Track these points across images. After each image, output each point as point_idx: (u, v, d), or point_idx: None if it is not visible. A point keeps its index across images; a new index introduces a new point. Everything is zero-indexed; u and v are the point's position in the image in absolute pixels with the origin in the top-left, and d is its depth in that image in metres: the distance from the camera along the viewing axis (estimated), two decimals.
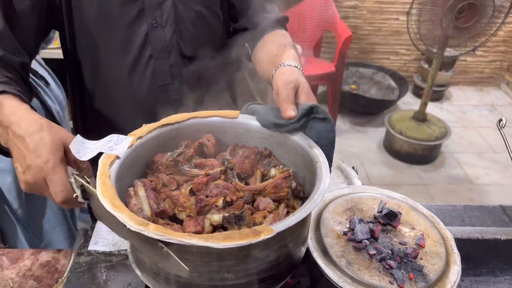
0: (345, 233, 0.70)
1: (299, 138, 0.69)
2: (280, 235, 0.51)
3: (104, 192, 0.52)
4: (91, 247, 0.68)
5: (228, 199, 0.61)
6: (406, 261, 0.66)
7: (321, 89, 3.32)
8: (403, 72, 3.35)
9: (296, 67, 0.75)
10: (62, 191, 0.56)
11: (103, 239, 0.68)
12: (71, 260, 0.77)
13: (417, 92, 3.37)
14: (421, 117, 2.68)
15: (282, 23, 0.98)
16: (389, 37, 3.32)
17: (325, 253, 0.67)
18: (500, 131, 1.06)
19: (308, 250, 0.67)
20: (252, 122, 0.73)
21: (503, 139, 1.03)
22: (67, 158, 0.59)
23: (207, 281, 0.54)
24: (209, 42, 0.92)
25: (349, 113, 3.17)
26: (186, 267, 0.47)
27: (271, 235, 0.50)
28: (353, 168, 1.01)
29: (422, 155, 2.67)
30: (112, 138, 0.60)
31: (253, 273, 0.55)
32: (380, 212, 0.73)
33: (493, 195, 2.44)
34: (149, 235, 0.46)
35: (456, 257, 0.68)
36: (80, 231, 0.98)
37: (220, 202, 0.60)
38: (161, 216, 0.59)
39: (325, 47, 3.30)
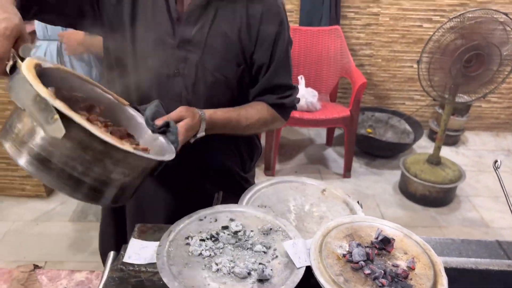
0: (344, 255, 0.79)
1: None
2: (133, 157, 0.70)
3: (28, 67, 0.67)
4: (125, 259, 0.80)
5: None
6: (397, 280, 0.75)
7: (337, 132, 3.44)
8: (418, 117, 3.45)
9: (198, 113, 0.95)
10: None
11: (136, 254, 0.80)
12: (103, 280, 0.88)
13: (432, 136, 3.46)
14: (435, 160, 2.75)
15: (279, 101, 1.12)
16: (403, 83, 3.45)
17: (326, 272, 0.76)
18: (495, 172, 1.15)
19: (311, 269, 0.77)
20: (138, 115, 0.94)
21: (499, 180, 1.12)
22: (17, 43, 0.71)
23: (62, 165, 0.67)
24: (218, 104, 1.05)
25: (365, 155, 3.27)
26: (63, 129, 0.62)
27: (130, 150, 0.68)
28: (358, 202, 1.11)
29: (437, 197, 2.71)
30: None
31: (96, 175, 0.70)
32: (377, 238, 0.83)
33: (509, 238, 2.45)
34: (54, 104, 0.62)
35: (443, 280, 0.77)
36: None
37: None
38: None
39: (341, 92, 3.45)
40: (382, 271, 0.75)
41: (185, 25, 0.99)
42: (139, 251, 0.80)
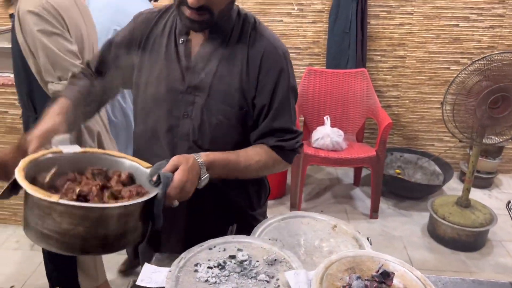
0: (343, 287, 0.82)
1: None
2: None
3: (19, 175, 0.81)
4: (137, 282, 0.86)
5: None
6: None
7: (365, 172, 3.44)
8: (449, 158, 3.41)
9: (193, 156, 0.99)
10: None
11: (148, 278, 0.86)
12: None
13: (463, 178, 3.38)
14: (464, 202, 2.69)
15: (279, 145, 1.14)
16: (432, 124, 3.44)
17: None
18: (508, 213, 1.16)
19: None
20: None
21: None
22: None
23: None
24: (223, 145, 1.11)
25: (393, 196, 3.23)
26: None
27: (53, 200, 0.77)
28: (367, 239, 1.14)
29: (467, 241, 2.63)
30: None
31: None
32: (377, 271, 0.86)
33: None
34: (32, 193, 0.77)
35: None
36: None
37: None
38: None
39: (369, 133, 3.48)
40: None
41: (192, 73, 1.09)
42: (151, 275, 0.87)
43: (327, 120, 2.99)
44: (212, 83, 1.08)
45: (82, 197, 0.84)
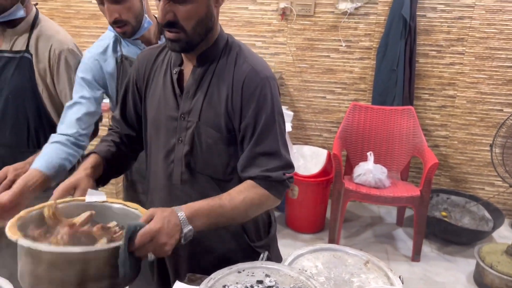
0: None
1: None
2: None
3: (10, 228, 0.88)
4: None
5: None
6: None
7: (409, 212, 3.33)
8: (500, 204, 3.24)
9: (170, 208, 0.99)
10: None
11: None
12: None
13: None
14: None
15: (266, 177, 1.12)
16: (482, 167, 3.31)
17: None
18: None
19: None
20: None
21: None
22: None
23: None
24: (214, 167, 1.16)
25: (437, 239, 3.10)
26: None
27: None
28: (399, 277, 1.11)
29: None
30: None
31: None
32: None
33: None
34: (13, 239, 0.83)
35: None
36: None
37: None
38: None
39: (414, 172, 3.39)
40: None
41: (185, 100, 1.16)
42: None
43: (371, 156, 2.96)
44: (202, 109, 1.14)
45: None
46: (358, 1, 3.08)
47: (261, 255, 1.18)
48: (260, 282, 0.93)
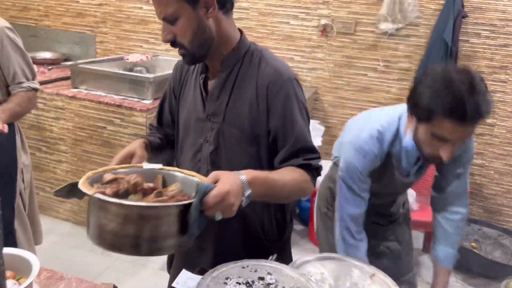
0: None
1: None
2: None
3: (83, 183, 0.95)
4: (173, 284, 0.96)
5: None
6: None
7: None
8: None
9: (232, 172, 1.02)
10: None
11: (183, 282, 0.95)
12: None
13: None
14: None
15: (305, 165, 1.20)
16: None
17: None
18: None
19: None
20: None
21: None
22: None
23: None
24: (237, 167, 1.15)
25: (464, 271, 3.00)
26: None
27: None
28: None
29: None
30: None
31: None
32: None
33: None
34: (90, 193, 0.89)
35: None
36: None
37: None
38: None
39: None
40: None
41: (210, 102, 1.24)
42: (186, 280, 0.96)
43: None
44: (226, 110, 1.22)
45: (121, 195, 0.95)
46: (400, 22, 3.08)
47: (270, 257, 1.22)
48: (261, 278, 0.97)
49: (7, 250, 1.29)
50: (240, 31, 1.26)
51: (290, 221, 1.40)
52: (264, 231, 1.30)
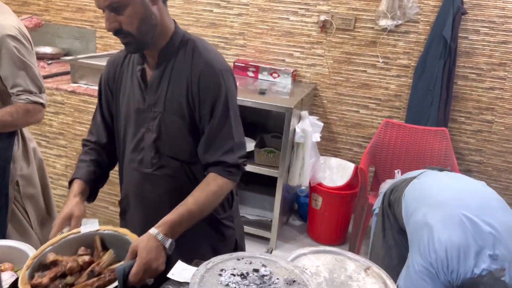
0: None
1: None
2: None
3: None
4: (168, 275, 0.97)
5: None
6: None
7: None
8: None
9: (146, 234, 1.11)
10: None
11: (178, 273, 0.96)
12: None
13: None
14: None
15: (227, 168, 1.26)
16: None
17: None
18: None
19: None
20: None
21: None
22: None
23: None
24: (180, 151, 1.30)
25: None
26: None
27: None
28: (397, 286, 1.13)
29: None
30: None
31: None
32: None
33: None
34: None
35: None
36: None
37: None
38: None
39: None
40: None
41: (149, 92, 1.30)
42: (181, 271, 0.97)
43: (398, 174, 2.93)
44: (165, 99, 1.27)
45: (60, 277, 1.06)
46: (399, 18, 3.09)
47: (266, 249, 1.24)
48: (256, 270, 0.98)
49: (5, 242, 1.31)
50: (174, 21, 1.31)
51: (236, 194, 1.48)
52: (215, 210, 1.37)
